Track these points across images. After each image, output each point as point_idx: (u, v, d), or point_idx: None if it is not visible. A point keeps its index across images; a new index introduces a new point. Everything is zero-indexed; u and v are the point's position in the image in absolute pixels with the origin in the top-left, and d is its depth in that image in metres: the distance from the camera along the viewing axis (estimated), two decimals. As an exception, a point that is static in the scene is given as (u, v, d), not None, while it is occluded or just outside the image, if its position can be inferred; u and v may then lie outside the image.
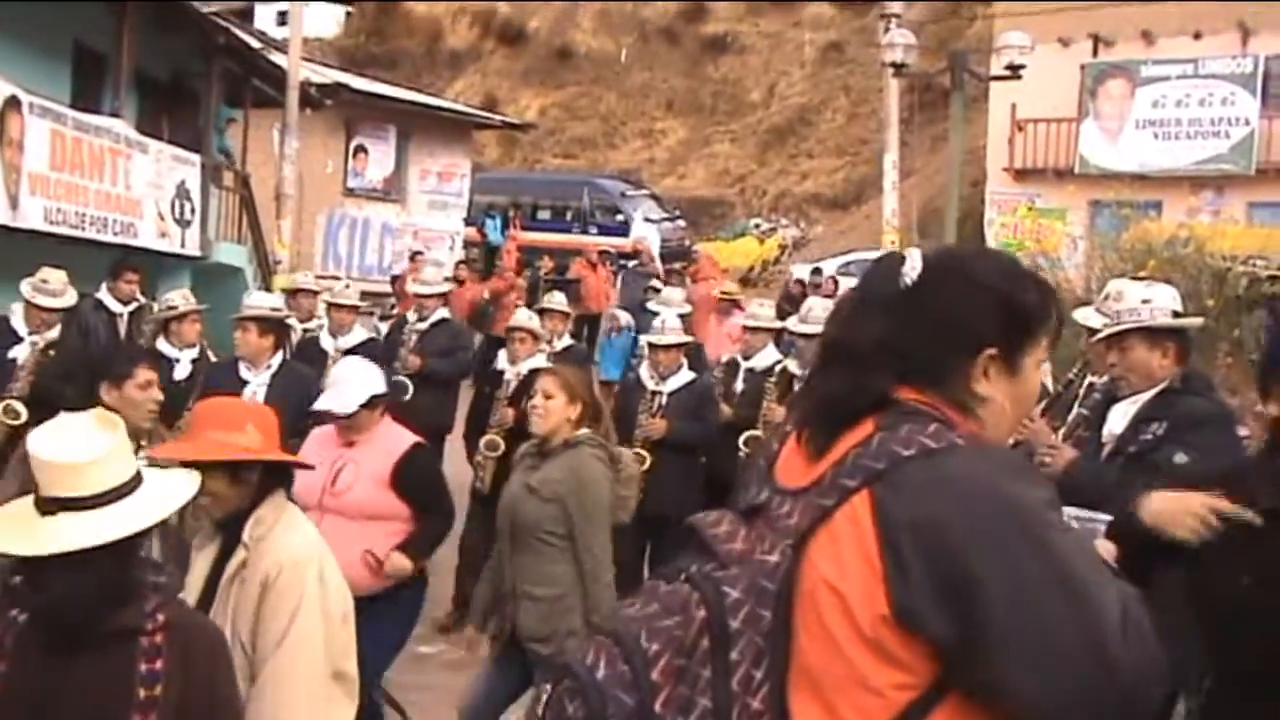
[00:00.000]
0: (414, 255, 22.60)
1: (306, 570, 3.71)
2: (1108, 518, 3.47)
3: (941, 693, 1.87)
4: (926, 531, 1.85)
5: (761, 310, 9.92)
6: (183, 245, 16.94)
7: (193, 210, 17.26)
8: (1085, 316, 5.50)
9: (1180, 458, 4.40)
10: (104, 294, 10.50)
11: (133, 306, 10.55)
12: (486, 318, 17.12)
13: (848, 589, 1.87)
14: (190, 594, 3.77)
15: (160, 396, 5.56)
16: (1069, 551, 1.88)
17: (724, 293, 16.12)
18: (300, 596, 3.66)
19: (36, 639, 2.84)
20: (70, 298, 9.07)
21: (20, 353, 8.79)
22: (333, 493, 5.69)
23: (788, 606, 1.92)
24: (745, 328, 9.80)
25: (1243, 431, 6.12)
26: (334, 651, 3.72)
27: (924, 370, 2.04)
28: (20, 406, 8.35)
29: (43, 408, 8.88)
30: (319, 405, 5.95)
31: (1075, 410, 5.47)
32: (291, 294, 11.43)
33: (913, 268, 2.09)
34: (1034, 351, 2.11)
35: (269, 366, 8.04)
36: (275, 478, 3.90)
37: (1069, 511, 2.37)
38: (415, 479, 5.95)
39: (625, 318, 17.14)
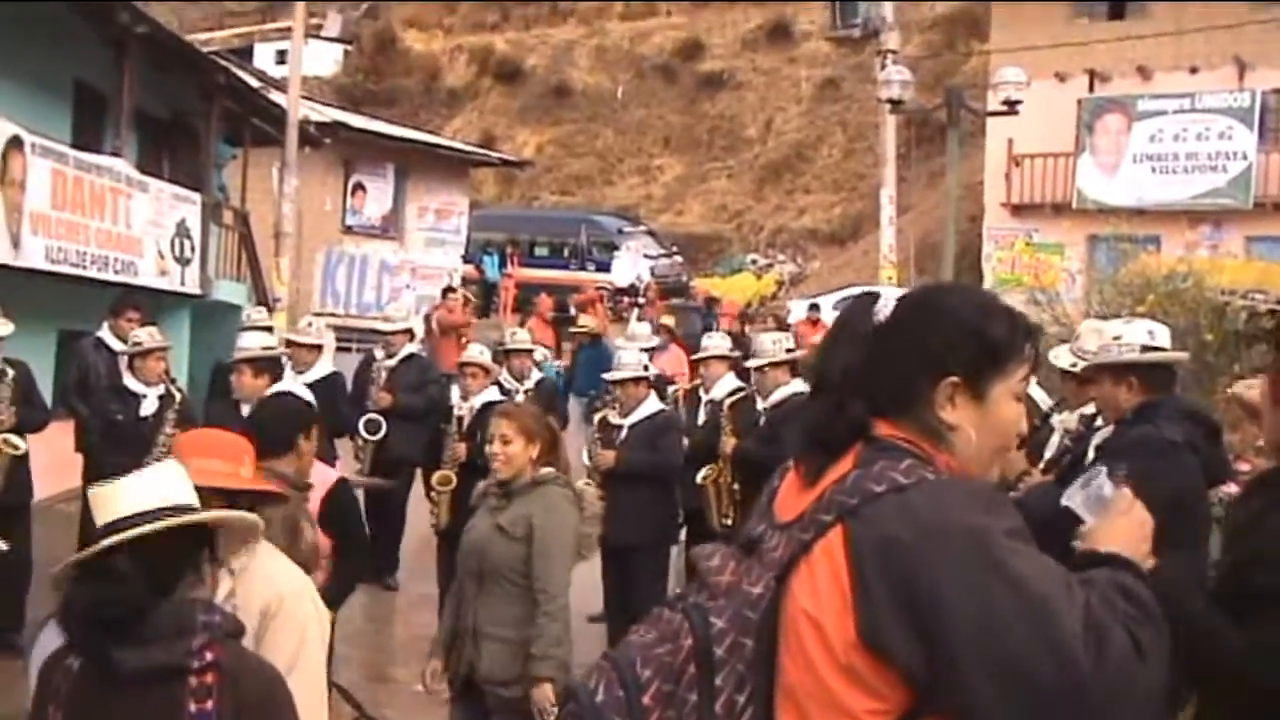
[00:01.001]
0: (446, 290, 22.49)
1: (304, 600, 3.79)
2: None
3: (915, 719, 1.95)
4: (889, 555, 1.94)
5: (712, 341, 10.11)
6: (183, 283, 16.93)
7: (193, 248, 17.26)
8: (1056, 356, 5.74)
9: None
10: (105, 332, 10.50)
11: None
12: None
13: (823, 618, 1.97)
14: None
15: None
16: (1031, 574, 1.93)
17: (663, 324, 16.30)
18: (304, 626, 3.72)
19: (88, 681, 2.84)
20: (7, 328, 9.03)
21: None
22: None
23: (771, 635, 2.02)
24: (700, 359, 10.12)
25: (1243, 466, 6.17)
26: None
27: (890, 398, 2.12)
28: (18, 439, 8.42)
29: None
30: None
31: (1059, 442, 5.69)
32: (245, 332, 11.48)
33: (885, 305, 2.20)
34: (1003, 382, 2.16)
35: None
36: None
37: None
38: (339, 515, 5.90)
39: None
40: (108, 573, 2.86)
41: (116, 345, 10.40)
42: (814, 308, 23.52)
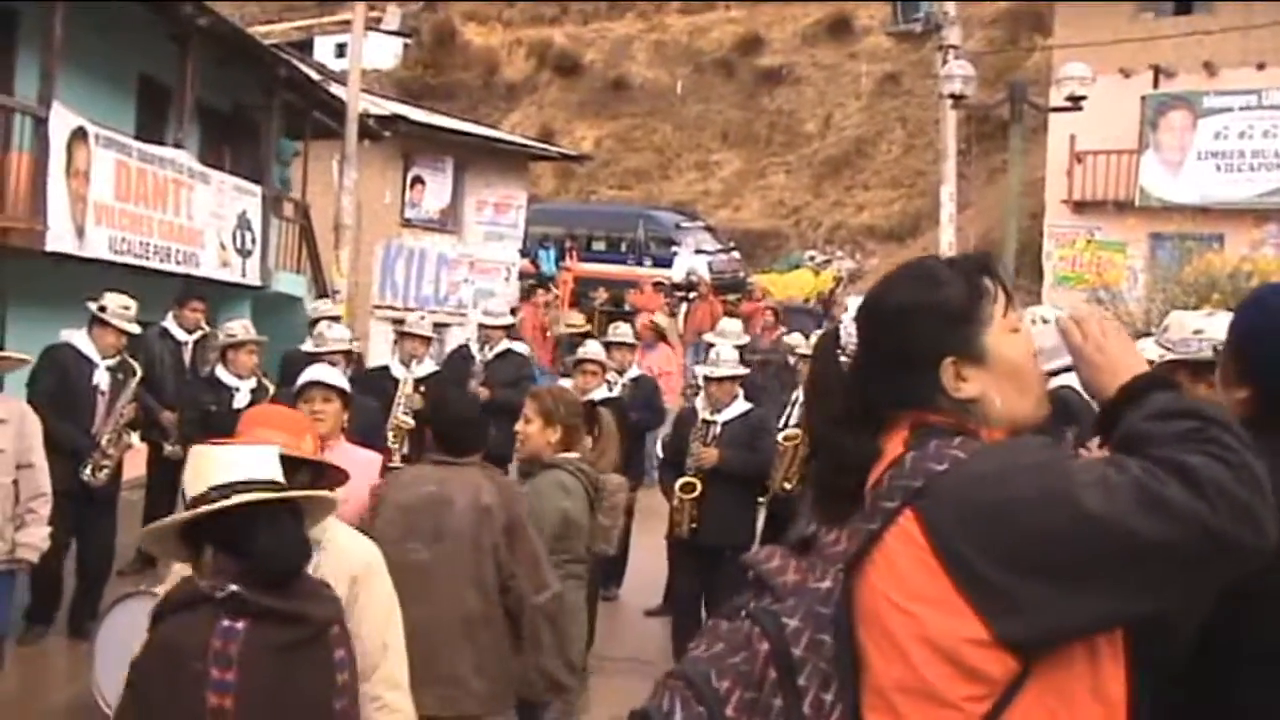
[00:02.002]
0: (533, 288, 22.50)
1: (383, 569, 4.12)
2: None
3: (1010, 697, 1.89)
4: (972, 522, 1.88)
5: (791, 340, 10.06)
6: (243, 275, 17.06)
7: (253, 240, 17.39)
8: (1143, 348, 5.44)
9: None
10: (169, 322, 10.59)
11: (197, 335, 10.66)
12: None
13: (919, 608, 1.90)
14: None
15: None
16: (1099, 472, 1.85)
17: (652, 323, 16.23)
18: (389, 589, 4.09)
19: (261, 642, 3.04)
20: (137, 327, 9.17)
21: (101, 380, 8.90)
22: None
23: (849, 629, 1.95)
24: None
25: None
26: None
27: (911, 401, 2.10)
28: (134, 434, 8.53)
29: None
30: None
31: None
32: (314, 324, 11.52)
33: (847, 330, 2.22)
34: (988, 331, 2.12)
35: None
36: (311, 486, 4.12)
37: None
38: None
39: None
40: (278, 525, 3.13)
41: (181, 335, 10.49)
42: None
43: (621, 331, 11.52)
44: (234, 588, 3.05)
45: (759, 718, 1.92)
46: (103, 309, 8.95)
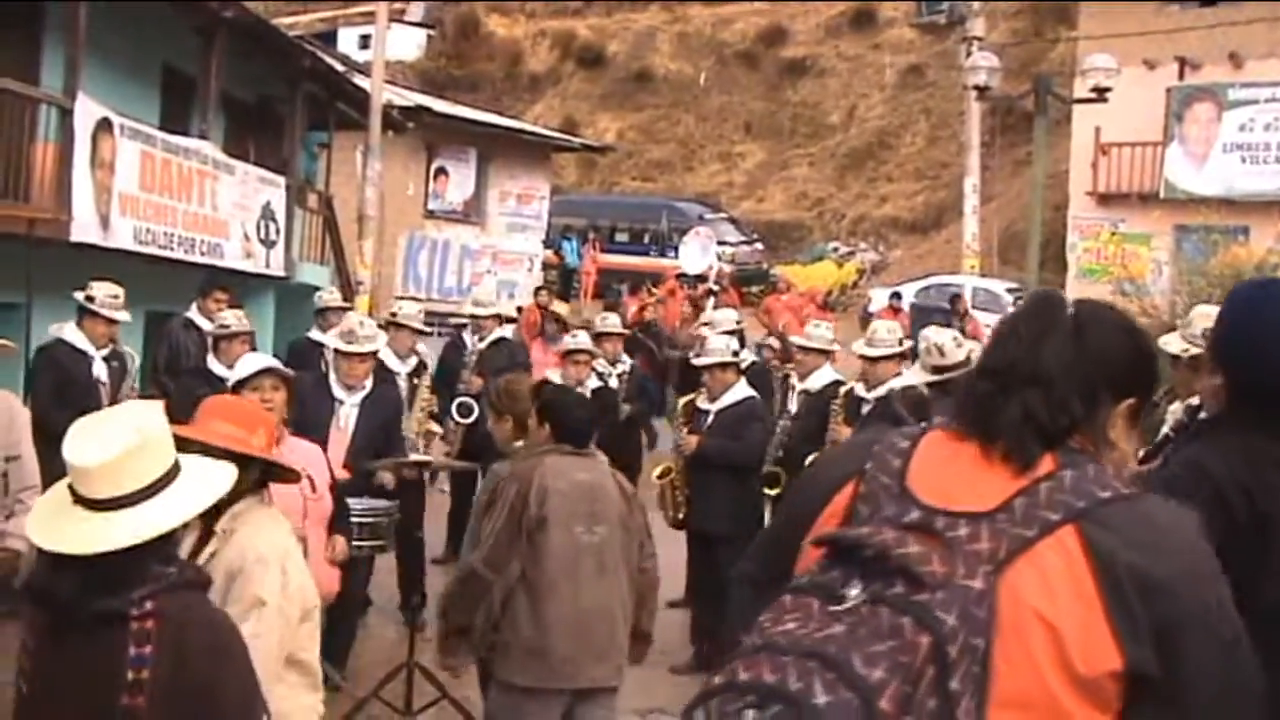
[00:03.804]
0: (538, 290, 22.36)
1: (269, 569, 3.92)
2: None
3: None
4: (1152, 585, 1.93)
5: (816, 331, 9.94)
6: (267, 265, 17.12)
7: (277, 231, 17.44)
8: (1167, 342, 5.42)
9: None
10: (194, 313, 10.61)
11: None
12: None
13: (1063, 625, 1.89)
14: None
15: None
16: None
17: (553, 313, 16.21)
18: (257, 593, 3.88)
19: (40, 628, 3.04)
20: (128, 314, 9.13)
21: (100, 371, 8.89)
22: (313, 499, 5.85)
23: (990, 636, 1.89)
24: (799, 348, 9.94)
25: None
26: (293, 644, 4.00)
27: (1085, 409, 2.12)
28: None
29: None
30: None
31: (1163, 433, 5.49)
32: (321, 313, 11.53)
33: (1070, 308, 2.20)
34: (1139, 411, 2.22)
35: (363, 388, 8.09)
36: (258, 481, 4.12)
37: None
38: None
39: None
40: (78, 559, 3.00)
41: (206, 325, 10.52)
42: (895, 296, 23.34)
43: (610, 322, 11.53)
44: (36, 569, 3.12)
45: (911, 715, 1.78)
46: (90, 299, 8.88)
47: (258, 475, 4.07)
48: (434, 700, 7.52)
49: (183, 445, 4.00)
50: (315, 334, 11.07)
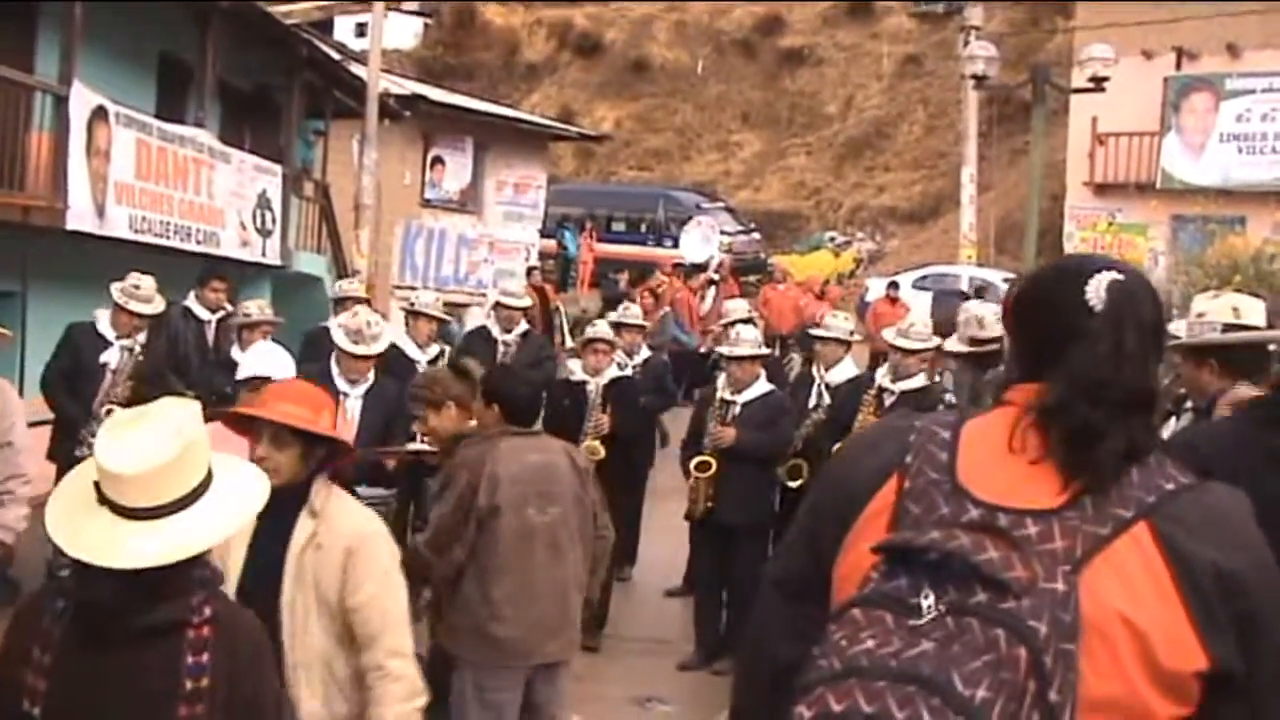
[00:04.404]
0: (529, 271, 22.43)
1: (384, 541, 4.16)
2: None
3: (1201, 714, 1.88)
4: (1228, 580, 1.88)
5: (835, 322, 9.89)
6: (263, 254, 17.11)
7: (273, 220, 17.43)
8: (1175, 329, 5.39)
9: None
10: (192, 301, 10.61)
11: (219, 314, 10.66)
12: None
13: (1147, 627, 1.84)
14: (235, 559, 3.99)
15: None
16: None
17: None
18: (386, 562, 4.11)
19: (81, 632, 2.83)
20: (159, 304, 9.18)
21: (111, 357, 8.91)
22: None
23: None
24: (818, 339, 9.91)
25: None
26: None
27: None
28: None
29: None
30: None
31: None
32: (339, 302, 11.52)
33: (1096, 288, 2.06)
34: None
35: (367, 380, 8.11)
36: (325, 460, 4.19)
37: None
38: None
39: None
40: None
41: (204, 314, 10.51)
42: (893, 286, 23.32)
43: (631, 313, 11.50)
44: (66, 571, 2.93)
45: None
46: (119, 289, 9.02)
47: (323, 454, 4.14)
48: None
49: (253, 424, 4.11)
50: (331, 323, 11.05)
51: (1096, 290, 2.03)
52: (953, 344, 7.97)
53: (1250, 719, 1.89)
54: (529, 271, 23.35)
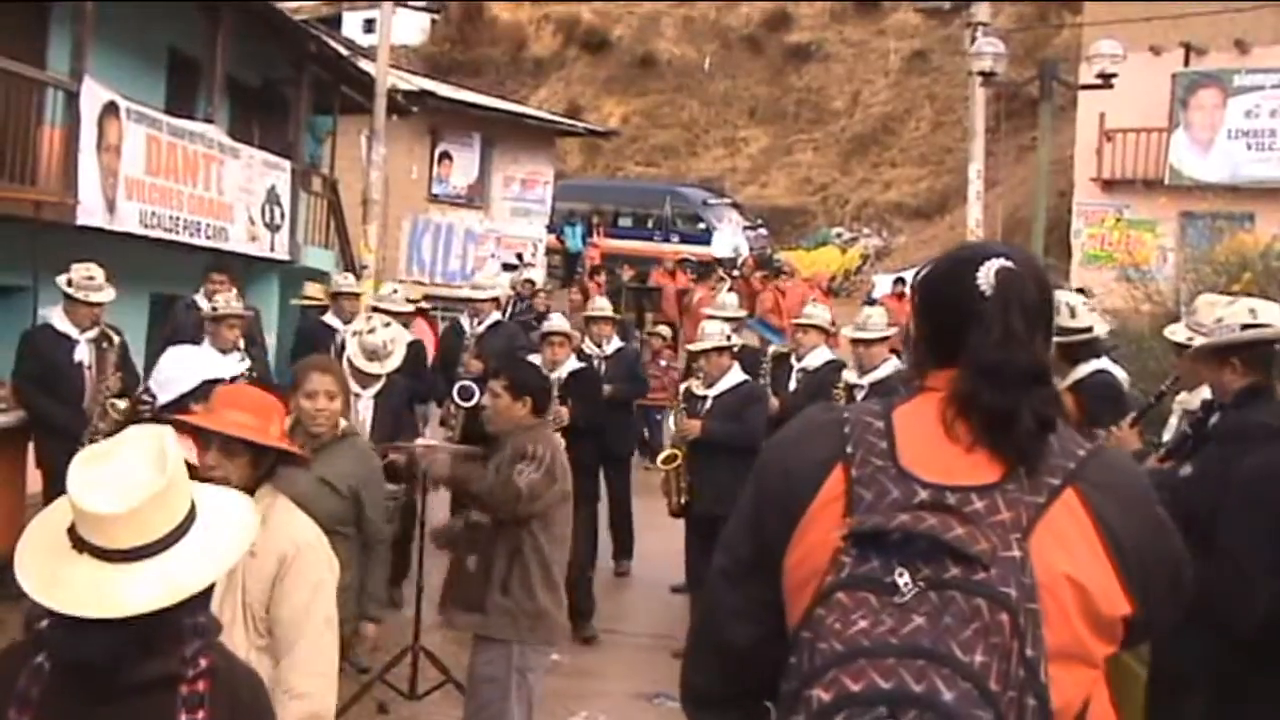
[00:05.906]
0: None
1: (320, 551, 4.10)
2: None
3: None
4: (1133, 537, 2.09)
5: (814, 310, 10.06)
6: (272, 249, 17.14)
7: (282, 215, 17.45)
8: (1172, 331, 5.41)
9: (1185, 469, 4.60)
10: (200, 296, 10.64)
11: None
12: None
13: (1086, 581, 2.02)
14: None
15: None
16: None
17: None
18: (320, 575, 4.05)
19: (66, 689, 2.55)
20: (111, 292, 9.08)
21: (83, 355, 8.88)
22: None
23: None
24: (798, 325, 10.07)
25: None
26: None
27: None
28: (121, 403, 8.48)
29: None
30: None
31: (1178, 425, 5.50)
32: (334, 297, 11.56)
33: (985, 273, 2.18)
34: None
35: (377, 383, 8.16)
36: (272, 468, 4.16)
37: None
38: None
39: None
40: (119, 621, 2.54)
41: (206, 308, 10.55)
42: (899, 281, 23.31)
43: (599, 305, 11.57)
44: (45, 624, 2.57)
45: (1013, 689, 1.85)
46: (69, 283, 8.88)
47: (273, 460, 4.12)
48: (439, 684, 7.57)
49: (203, 434, 4.03)
50: (329, 318, 11.09)
51: (986, 276, 2.16)
52: None
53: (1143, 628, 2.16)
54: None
